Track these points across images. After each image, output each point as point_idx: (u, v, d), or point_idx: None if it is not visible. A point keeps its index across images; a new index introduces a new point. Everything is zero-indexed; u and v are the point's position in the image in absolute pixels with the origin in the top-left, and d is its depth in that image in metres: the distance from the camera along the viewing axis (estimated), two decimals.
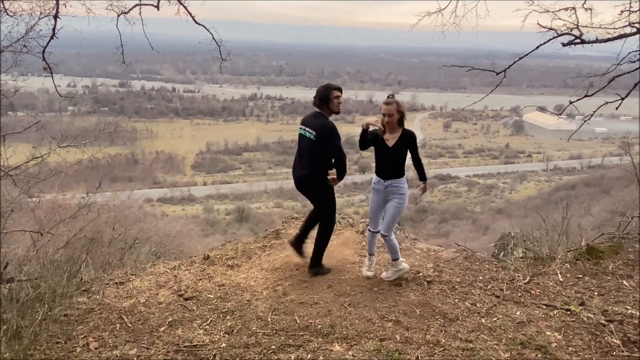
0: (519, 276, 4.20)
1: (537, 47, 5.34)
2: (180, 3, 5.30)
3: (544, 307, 3.61)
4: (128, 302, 3.79)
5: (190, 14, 5.41)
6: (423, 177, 4.15)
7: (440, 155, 79.70)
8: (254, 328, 3.34)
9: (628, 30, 4.94)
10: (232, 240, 5.97)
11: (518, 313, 3.53)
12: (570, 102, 5.47)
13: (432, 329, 3.32)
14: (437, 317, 3.50)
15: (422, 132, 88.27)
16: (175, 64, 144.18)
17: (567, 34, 5.21)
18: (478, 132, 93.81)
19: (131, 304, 3.75)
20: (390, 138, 3.99)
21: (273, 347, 3.08)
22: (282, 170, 65.32)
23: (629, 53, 4.93)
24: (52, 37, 4.80)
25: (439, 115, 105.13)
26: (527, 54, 5.54)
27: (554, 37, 5.24)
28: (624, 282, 3.98)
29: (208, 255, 4.95)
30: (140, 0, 5.31)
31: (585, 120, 5.59)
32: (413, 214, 41.87)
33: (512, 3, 5.55)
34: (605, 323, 3.31)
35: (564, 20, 5.16)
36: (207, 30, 5.56)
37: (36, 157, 4.49)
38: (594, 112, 5.44)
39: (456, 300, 3.77)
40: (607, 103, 5.28)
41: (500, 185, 65.30)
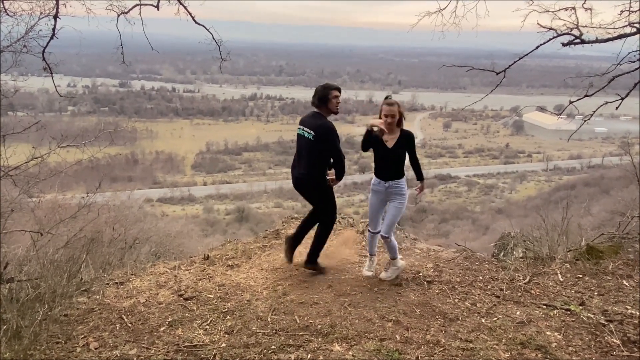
0: (519, 276, 4.20)
1: (537, 47, 5.34)
2: (180, 3, 5.31)
3: (544, 307, 3.61)
4: (128, 302, 3.78)
5: (190, 14, 5.41)
6: (420, 177, 4.19)
7: (440, 155, 79.68)
8: (254, 328, 3.34)
9: (628, 30, 4.94)
10: (232, 240, 5.97)
11: (518, 313, 3.53)
12: (570, 102, 5.48)
13: (432, 328, 3.32)
14: (437, 317, 3.50)
15: (422, 132, 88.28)
16: (175, 64, 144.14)
17: (567, 34, 5.22)
18: (478, 132, 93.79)
19: (131, 304, 3.74)
20: (390, 139, 3.98)
21: (273, 347, 3.07)
22: (282, 170, 65.28)
23: (629, 53, 4.93)
24: (52, 37, 4.81)
25: (438, 115, 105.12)
26: (527, 54, 5.55)
27: (553, 37, 5.24)
28: (624, 282, 3.98)
29: (208, 255, 4.95)
30: (140, 0, 5.31)
31: (585, 120, 5.60)
32: (413, 214, 41.88)
33: (512, 3, 5.56)
34: (605, 323, 3.31)
35: (564, 20, 5.17)
36: (207, 30, 5.57)
37: (36, 157, 4.49)
38: (594, 112, 5.44)
39: (456, 300, 3.77)
40: (607, 103, 5.29)
41: (500, 185, 65.30)
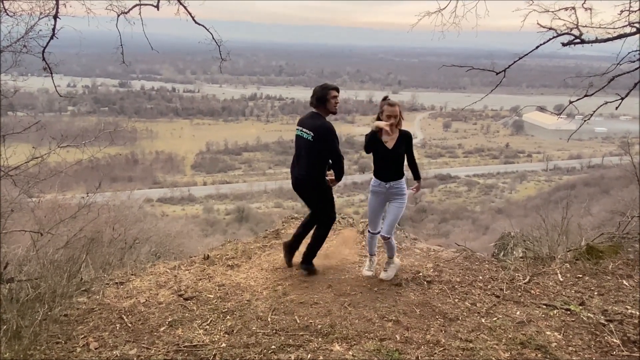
0: (518, 276, 4.20)
1: (537, 46, 5.35)
2: (180, 3, 5.31)
3: (544, 306, 3.61)
4: (128, 302, 3.78)
5: (190, 14, 5.41)
6: (417, 177, 4.22)
7: (440, 155, 79.73)
8: (254, 328, 3.34)
9: (628, 30, 4.94)
10: (232, 240, 5.98)
11: (518, 313, 3.53)
12: (570, 102, 5.48)
13: (432, 328, 3.32)
14: (437, 317, 3.50)
15: (422, 132, 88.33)
16: (175, 64, 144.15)
17: (567, 33, 5.22)
18: (478, 132, 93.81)
19: (131, 304, 3.74)
20: (390, 140, 3.98)
21: (273, 347, 3.07)
22: (282, 170, 65.29)
23: (629, 53, 4.94)
24: (51, 37, 4.80)
25: (438, 115, 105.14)
26: (526, 54, 5.55)
27: (553, 37, 5.24)
28: (624, 281, 3.98)
29: (208, 255, 4.95)
30: (140, 0, 5.31)
31: (585, 120, 5.60)
32: (413, 213, 41.91)
33: (511, 3, 5.56)
34: (605, 323, 3.31)
35: (564, 20, 5.17)
36: (207, 30, 5.57)
37: (36, 157, 4.50)
38: (594, 111, 5.45)
39: (456, 300, 3.77)
40: (606, 103, 5.29)
41: (500, 185, 65.32)
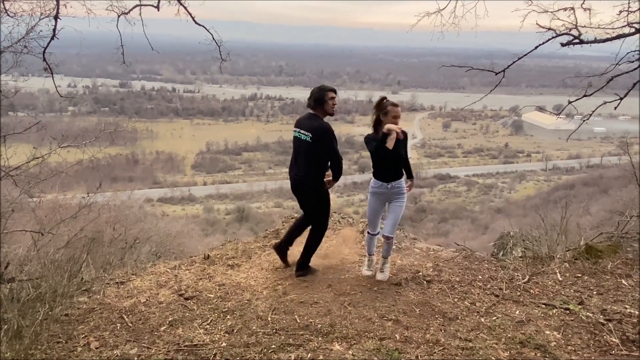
0: (518, 275, 4.21)
1: (536, 47, 5.36)
2: (180, 4, 5.32)
3: (543, 306, 3.62)
4: (129, 302, 3.79)
5: (190, 14, 5.42)
6: (410, 175, 4.29)
7: (439, 155, 79.76)
8: (254, 327, 3.34)
9: (627, 30, 4.95)
10: (232, 240, 5.99)
11: (517, 312, 3.54)
12: (569, 102, 5.49)
13: (432, 328, 3.33)
14: (437, 316, 3.51)
15: (422, 132, 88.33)
16: (175, 64, 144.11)
17: (566, 34, 5.23)
18: (477, 131, 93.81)
19: (132, 304, 3.75)
20: (389, 140, 4.00)
21: (273, 346, 3.08)
22: (282, 170, 65.29)
23: (628, 53, 4.95)
24: (52, 38, 4.81)
25: (438, 115, 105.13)
26: (526, 54, 5.56)
27: (552, 37, 5.26)
28: (623, 281, 3.99)
29: (208, 255, 4.95)
30: (141, 1, 5.32)
31: (584, 120, 5.62)
32: (413, 213, 41.93)
33: (511, 3, 5.57)
34: (604, 322, 3.32)
35: (563, 20, 5.19)
36: (207, 30, 5.58)
37: (37, 158, 4.51)
38: (593, 111, 5.47)
39: (455, 300, 3.78)
40: (605, 103, 5.31)
41: (499, 184, 65.33)
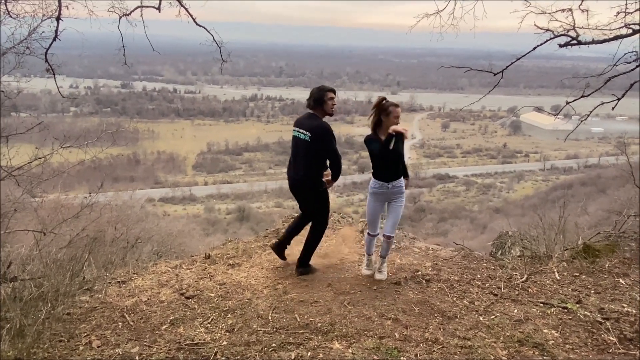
0: (516, 274, 4.23)
1: (534, 48, 5.39)
2: (181, 5, 5.34)
3: (541, 305, 3.64)
4: (130, 301, 3.81)
5: (191, 15, 5.44)
6: (406, 174, 4.31)
7: (438, 155, 79.73)
8: (254, 326, 3.36)
9: (624, 31, 4.98)
10: (233, 239, 6.01)
11: (515, 311, 3.56)
12: (567, 103, 5.52)
13: (431, 326, 3.34)
14: (436, 315, 3.53)
15: (421, 132, 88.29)
16: (176, 65, 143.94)
17: (564, 35, 5.26)
18: (476, 132, 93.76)
19: (133, 303, 3.77)
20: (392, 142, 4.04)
21: (273, 345, 3.10)
22: (282, 170, 64.84)
23: (625, 54, 4.98)
24: (54, 39, 4.82)
25: (437, 116, 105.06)
26: (524, 55, 5.58)
27: (551, 38, 5.28)
28: (620, 280, 4.01)
29: (209, 254, 4.97)
30: (142, 2, 5.34)
31: (581, 121, 5.65)
32: (412, 213, 41.93)
33: (509, 4, 5.60)
34: (602, 321, 3.33)
35: (561, 21, 5.22)
36: (208, 32, 5.59)
37: (39, 158, 4.54)
38: (591, 112, 5.49)
39: (454, 299, 3.80)
40: (603, 103, 5.33)
41: (497, 184, 65.29)
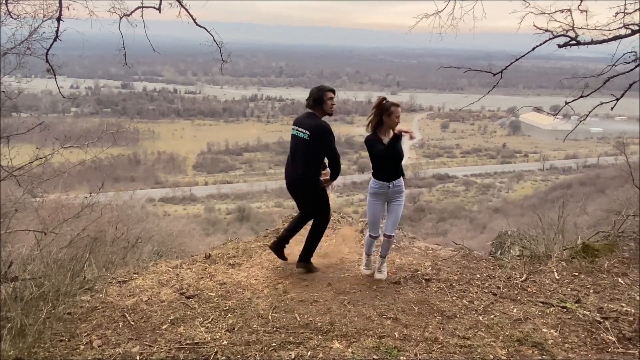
0: (515, 274, 4.25)
1: (534, 48, 5.40)
2: (182, 5, 5.35)
3: (541, 304, 3.66)
4: (131, 301, 3.82)
5: (191, 16, 5.45)
6: (402, 173, 4.28)
7: (438, 155, 79.72)
8: (254, 326, 3.37)
9: (623, 31, 4.99)
10: (233, 239, 6.01)
11: (515, 310, 3.57)
12: (566, 103, 5.53)
13: (430, 326, 3.35)
14: (435, 314, 3.54)
15: (420, 133, 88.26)
16: (176, 66, 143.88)
17: (563, 35, 5.27)
18: (475, 132, 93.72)
19: (134, 302, 3.78)
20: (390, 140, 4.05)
21: (274, 344, 3.11)
22: (282, 170, 64.83)
23: (624, 54, 5.00)
24: (55, 40, 4.83)
25: (436, 116, 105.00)
26: (523, 55, 5.59)
27: (550, 39, 5.30)
28: (619, 279, 4.03)
29: (209, 254, 4.98)
30: (142, 3, 5.36)
31: (580, 121, 5.66)
32: (412, 213, 41.92)
33: (509, 4, 5.61)
34: (601, 320, 3.35)
35: (560, 22, 5.23)
36: (208, 32, 5.60)
37: (40, 158, 4.55)
38: (590, 112, 5.50)
39: (454, 298, 3.81)
40: (602, 103, 5.34)
41: (497, 184, 65.25)
